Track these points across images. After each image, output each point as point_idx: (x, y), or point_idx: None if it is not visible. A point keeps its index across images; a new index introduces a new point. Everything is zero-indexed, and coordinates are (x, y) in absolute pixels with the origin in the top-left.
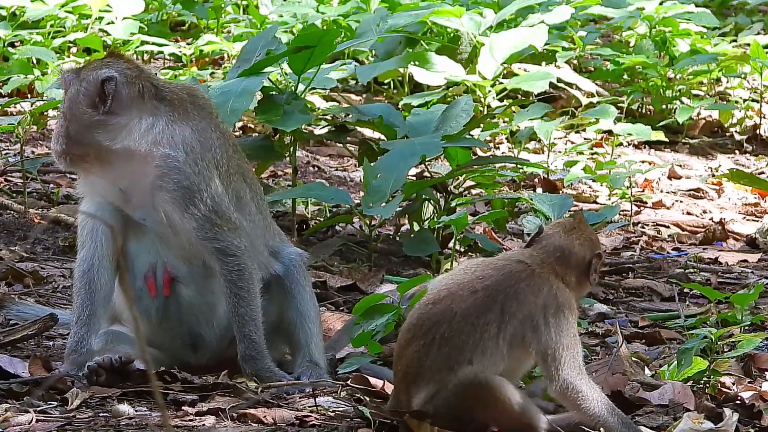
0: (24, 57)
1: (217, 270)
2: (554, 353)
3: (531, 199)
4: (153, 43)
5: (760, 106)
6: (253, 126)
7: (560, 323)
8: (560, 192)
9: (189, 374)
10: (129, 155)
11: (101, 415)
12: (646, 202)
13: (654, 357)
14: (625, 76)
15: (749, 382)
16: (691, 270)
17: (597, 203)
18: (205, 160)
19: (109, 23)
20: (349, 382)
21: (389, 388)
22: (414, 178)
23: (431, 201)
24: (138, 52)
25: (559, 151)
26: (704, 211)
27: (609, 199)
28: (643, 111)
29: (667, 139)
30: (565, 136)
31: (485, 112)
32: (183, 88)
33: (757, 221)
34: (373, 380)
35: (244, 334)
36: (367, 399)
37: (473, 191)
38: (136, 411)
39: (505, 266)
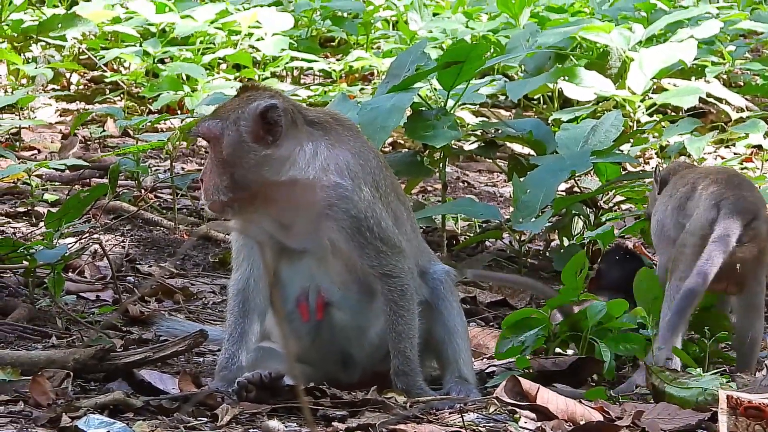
0: (174, 73)
1: (379, 290)
2: None
3: None
4: (302, 59)
5: None
6: (402, 142)
7: None
8: None
9: (338, 390)
10: (294, 186)
11: (251, 431)
12: None
13: None
14: None
15: None
16: None
17: None
18: (367, 184)
19: (258, 39)
20: (501, 388)
21: (541, 398)
22: (563, 194)
23: (581, 216)
24: (287, 68)
25: (709, 166)
26: None
27: None
28: None
29: None
30: (715, 151)
31: (635, 127)
32: (323, 110)
33: None
34: (526, 387)
35: (399, 350)
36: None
37: (623, 206)
38: (286, 427)
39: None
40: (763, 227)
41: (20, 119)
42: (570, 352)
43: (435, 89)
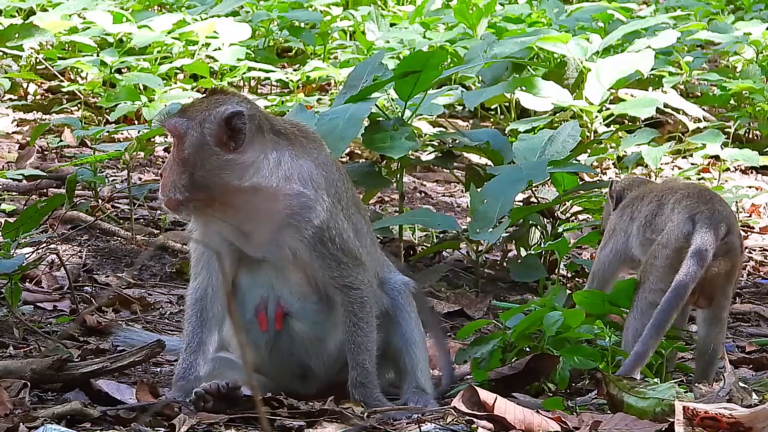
0: (131, 83)
1: (339, 302)
2: None
3: None
4: (260, 69)
5: None
6: (360, 152)
7: None
8: None
9: (296, 400)
10: (256, 193)
11: None
12: (753, 227)
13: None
14: (732, 101)
15: None
16: None
17: None
18: (330, 195)
19: (216, 49)
20: (458, 398)
21: (499, 409)
22: (521, 204)
23: (538, 226)
24: (245, 78)
25: (667, 176)
26: None
27: None
28: (750, 136)
29: None
30: (672, 161)
31: (592, 138)
32: (289, 121)
33: None
34: (483, 397)
35: (358, 362)
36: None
37: (580, 216)
38: None
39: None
40: (737, 241)
41: None
42: None
43: (392, 99)
